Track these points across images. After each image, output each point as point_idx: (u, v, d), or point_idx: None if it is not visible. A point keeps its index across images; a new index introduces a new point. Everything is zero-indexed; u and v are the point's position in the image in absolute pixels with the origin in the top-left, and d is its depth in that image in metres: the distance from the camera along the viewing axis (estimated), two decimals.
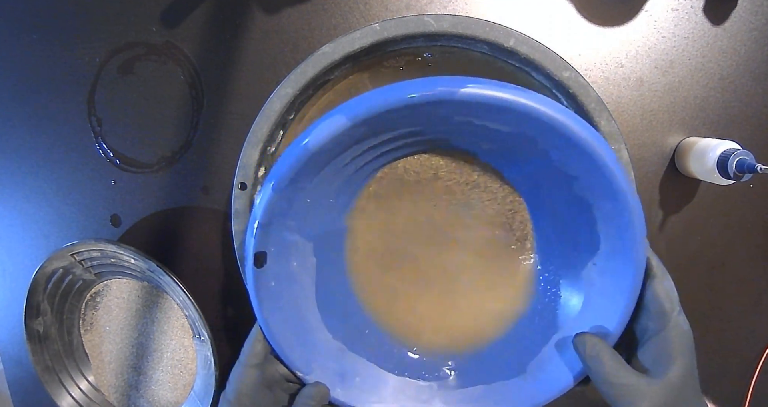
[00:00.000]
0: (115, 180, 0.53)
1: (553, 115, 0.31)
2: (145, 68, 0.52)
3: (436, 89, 0.31)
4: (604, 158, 0.32)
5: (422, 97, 0.31)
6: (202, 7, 0.51)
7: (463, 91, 0.31)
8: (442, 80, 0.31)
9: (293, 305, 0.38)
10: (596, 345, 0.33)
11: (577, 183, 0.35)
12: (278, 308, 0.37)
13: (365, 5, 0.50)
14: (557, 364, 0.38)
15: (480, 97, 0.31)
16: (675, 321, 0.32)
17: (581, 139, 0.32)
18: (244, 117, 0.51)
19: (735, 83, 0.50)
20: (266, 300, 0.36)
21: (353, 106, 0.32)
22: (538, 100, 0.31)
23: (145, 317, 0.53)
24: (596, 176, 0.33)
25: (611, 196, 0.34)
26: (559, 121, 0.32)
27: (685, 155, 0.49)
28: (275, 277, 0.37)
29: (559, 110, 0.32)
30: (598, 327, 0.36)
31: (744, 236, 0.52)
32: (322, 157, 0.34)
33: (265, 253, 0.36)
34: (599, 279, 0.37)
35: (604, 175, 0.33)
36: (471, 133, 0.37)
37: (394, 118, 0.33)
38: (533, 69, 0.42)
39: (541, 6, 0.49)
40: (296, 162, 0.33)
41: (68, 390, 0.53)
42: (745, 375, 0.54)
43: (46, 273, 0.51)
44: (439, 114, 0.33)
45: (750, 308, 0.53)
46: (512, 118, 0.32)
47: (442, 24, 0.40)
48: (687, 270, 0.53)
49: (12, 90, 0.53)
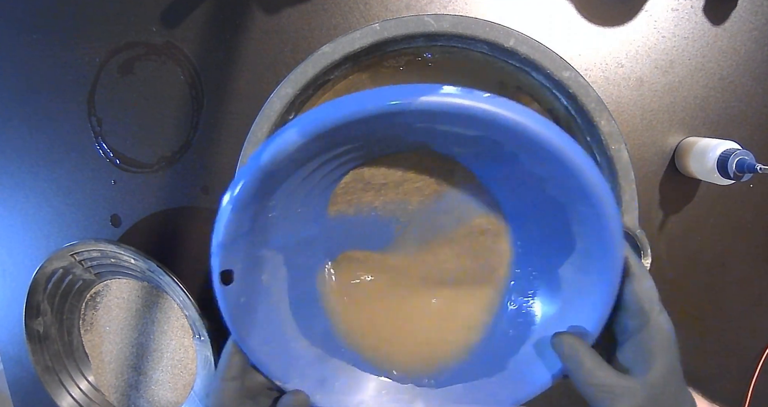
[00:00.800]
0: (115, 180, 0.53)
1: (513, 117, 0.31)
2: (145, 68, 0.52)
3: (387, 102, 0.30)
4: (572, 159, 0.32)
5: (375, 109, 0.30)
6: (202, 7, 0.51)
7: (419, 101, 0.31)
8: (395, 91, 0.31)
9: (267, 317, 0.38)
10: (574, 345, 0.33)
11: (549, 185, 0.35)
12: (252, 321, 0.37)
13: (365, 5, 0.50)
14: (537, 362, 0.38)
15: (436, 105, 0.31)
16: (655, 321, 0.32)
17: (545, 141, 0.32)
18: (244, 117, 0.51)
19: (735, 83, 0.50)
20: (238, 315, 0.36)
21: (305, 121, 0.31)
22: (496, 104, 0.31)
23: (145, 317, 0.53)
24: (567, 178, 0.33)
25: (584, 197, 0.33)
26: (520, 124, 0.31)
27: (685, 155, 0.49)
28: (245, 292, 0.36)
29: (519, 112, 0.31)
30: (576, 327, 0.36)
31: (744, 236, 0.52)
32: (279, 173, 0.34)
33: (231, 271, 0.35)
34: (576, 278, 0.37)
35: (575, 177, 0.32)
36: (441, 137, 0.36)
37: (350, 130, 0.33)
38: (533, 69, 0.42)
39: (541, 6, 0.49)
40: (251, 182, 0.33)
41: (68, 390, 0.53)
42: (745, 375, 0.54)
43: (46, 273, 0.51)
44: (399, 122, 0.33)
45: (750, 308, 0.53)
46: (473, 123, 0.32)
47: (442, 24, 0.40)
48: (687, 270, 0.53)
49: (12, 90, 0.53)
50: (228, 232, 0.34)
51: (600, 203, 0.33)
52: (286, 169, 0.34)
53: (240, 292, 0.36)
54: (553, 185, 0.35)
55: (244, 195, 0.33)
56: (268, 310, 0.38)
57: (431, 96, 0.31)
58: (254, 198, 0.34)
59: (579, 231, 0.36)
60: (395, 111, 0.31)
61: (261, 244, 0.37)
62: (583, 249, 0.36)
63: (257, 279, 0.38)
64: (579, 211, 0.35)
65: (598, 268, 0.35)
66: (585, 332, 0.35)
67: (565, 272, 0.38)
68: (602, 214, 0.33)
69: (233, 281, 0.35)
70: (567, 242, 0.37)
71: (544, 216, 0.38)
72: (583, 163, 0.32)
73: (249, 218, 0.35)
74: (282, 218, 0.38)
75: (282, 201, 0.37)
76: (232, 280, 0.35)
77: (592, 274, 0.35)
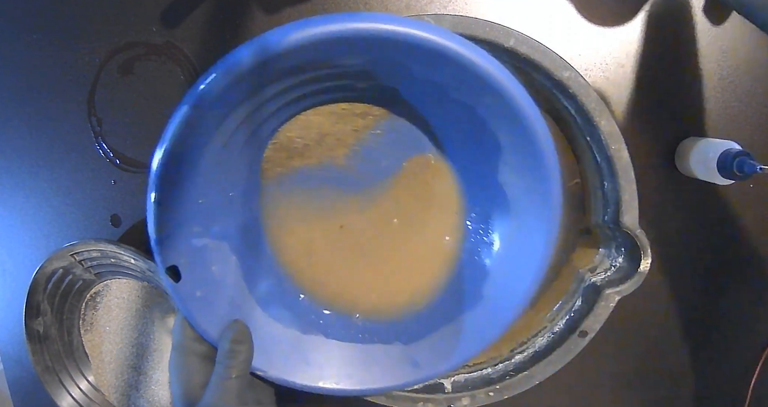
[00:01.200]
0: (115, 180, 0.53)
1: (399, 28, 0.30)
2: (145, 68, 0.52)
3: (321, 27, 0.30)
4: (460, 53, 0.31)
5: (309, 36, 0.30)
6: (202, 7, 0.51)
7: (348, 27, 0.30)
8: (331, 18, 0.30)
9: (230, 308, 0.37)
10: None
11: (449, 89, 0.34)
12: (215, 315, 0.36)
13: (365, 5, 0.50)
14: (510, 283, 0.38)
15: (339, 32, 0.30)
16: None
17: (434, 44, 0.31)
18: None
19: (735, 83, 0.50)
20: (198, 311, 0.35)
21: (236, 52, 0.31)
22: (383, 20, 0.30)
23: (145, 317, 0.53)
24: (462, 74, 0.32)
25: (483, 87, 0.32)
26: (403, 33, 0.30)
27: (685, 155, 0.49)
28: (199, 286, 0.35)
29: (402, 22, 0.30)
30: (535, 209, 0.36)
31: (744, 236, 0.52)
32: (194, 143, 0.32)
33: (175, 266, 0.34)
34: (516, 180, 0.37)
35: (467, 70, 0.31)
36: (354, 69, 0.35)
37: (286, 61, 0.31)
38: (533, 69, 0.42)
39: (541, 6, 0.49)
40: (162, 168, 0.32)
41: (68, 390, 0.53)
42: (745, 375, 0.54)
43: (46, 273, 0.51)
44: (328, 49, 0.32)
45: (750, 308, 0.53)
46: (366, 47, 0.31)
47: (442, 24, 0.40)
48: (687, 270, 0.53)
49: (12, 90, 0.53)
50: (158, 225, 0.33)
51: (500, 85, 0.32)
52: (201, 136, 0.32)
53: (193, 287, 0.35)
54: (453, 88, 0.34)
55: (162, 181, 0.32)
56: (228, 301, 0.37)
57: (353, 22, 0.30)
58: (175, 181, 0.33)
59: (496, 124, 0.35)
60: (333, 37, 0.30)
61: (201, 235, 0.36)
62: (508, 143, 0.35)
63: (208, 272, 0.36)
64: (487, 105, 0.34)
65: (530, 158, 0.34)
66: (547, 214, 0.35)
67: (504, 177, 0.37)
68: (506, 95, 0.32)
69: (181, 276, 0.34)
70: (492, 143, 0.36)
71: (459, 124, 0.37)
72: (470, 53, 0.31)
73: (177, 208, 0.34)
74: (215, 204, 0.36)
75: (207, 181, 0.35)
76: (179, 276, 0.34)
77: (528, 168, 0.35)
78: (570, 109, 0.43)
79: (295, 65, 0.32)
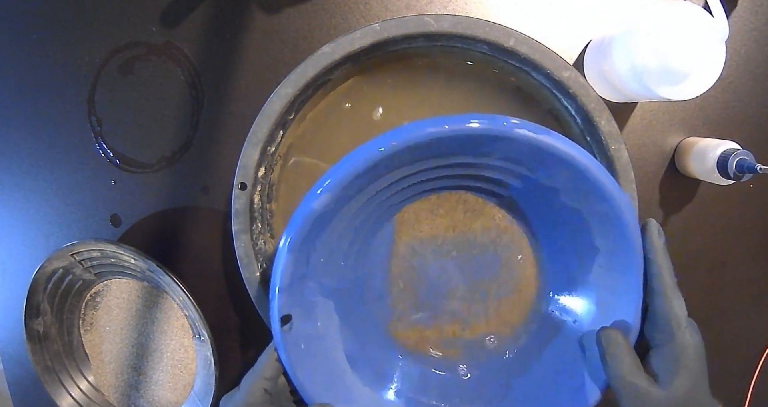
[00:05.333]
0: (115, 180, 0.53)
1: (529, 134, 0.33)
2: (145, 68, 0.52)
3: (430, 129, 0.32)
4: (580, 161, 0.33)
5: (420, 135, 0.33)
6: (202, 7, 0.51)
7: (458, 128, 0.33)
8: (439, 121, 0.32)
9: (326, 364, 0.39)
10: (618, 341, 0.34)
11: (563, 193, 0.37)
12: (311, 368, 0.38)
13: (365, 5, 0.50)
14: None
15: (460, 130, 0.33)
16: (680, 338, 0.33)
17: (554, 150, 0.33)
18: (244, 117, 0.51)
19: (735, 83, 0.50)
20: (298, 362, 0.37)
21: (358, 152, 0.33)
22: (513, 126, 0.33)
23: (145, 317, 0.53)
24: (577, 181, 0.35)
25: (596, 195, 0.35)
26: (534, 139, 0.33)
27: (685, 155, 0.49)
28: (304, 339, 0.37)
29: (532, 129, 0.33)
30: (619, 322, 0.37)
31: (744, 236, 0.52)
32: (328, 214, 0.35)
33: (290, 316, 0.36)
34: (608, 279, 0.38)
35: (585, 179, 0.34)
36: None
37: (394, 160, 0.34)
38: (533, 69, 0.42)
39: (541, 6, 0.49)
40: (307, 222, 0.34)
41: (68, 390, 0.53)
42: (745, 375, 0.54)
43: (46, 273, 0.51)
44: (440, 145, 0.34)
45: (750, 308, 0.53)
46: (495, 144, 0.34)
47: (442, 24, 0.40)
48: (687, 270, 0.53)
49: (12, 90, 0.53)
50: (286, 276, 0.35)
51: (611, 196, 0.34)
52: (335, 208, 0.35)
53: (300, 338, 0.37)
54: (566, 192, 0.36)
55: (299, 236, 0.35)
56: (325, 357, 0.39)
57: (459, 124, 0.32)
58: (306, 240, 0.35)
59: (599, 229, 0.37)
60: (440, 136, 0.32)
61: (316, 291, 0.39)
62: (605, 247, 0.37)
63: (314, 327, 0.39)
64: (595, 211, 0.36)
65: (626, 264, 0.36)
66: (628, 327, 0.36)
67: (596, 276, 0.39)
68: (615, 206, 0.35)
69: (293, 326, 0.36)
70: (590, 245, 0.38)
71: (564, 225, 0.39)
72: (589, 163, 0.34)
73: (304, 261, 0.36)
74: (330, 264, 0.39)
75: (328, 246, 0.38)
76: (291, 325, 0.36)
77: (621, 271, 0.37)
78: (570, 109, 0.43)
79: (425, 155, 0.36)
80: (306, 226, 0.34)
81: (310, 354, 0.38)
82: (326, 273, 0.39)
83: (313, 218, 0.34)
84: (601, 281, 0.39)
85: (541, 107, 0.45)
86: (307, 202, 0.34)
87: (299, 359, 0.37)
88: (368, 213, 0.39)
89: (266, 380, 0.37)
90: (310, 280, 0.38)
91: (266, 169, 0.43)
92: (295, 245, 0.35)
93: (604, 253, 0.38)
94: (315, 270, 0.38)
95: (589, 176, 0.34)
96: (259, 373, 0.37)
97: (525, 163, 0.36)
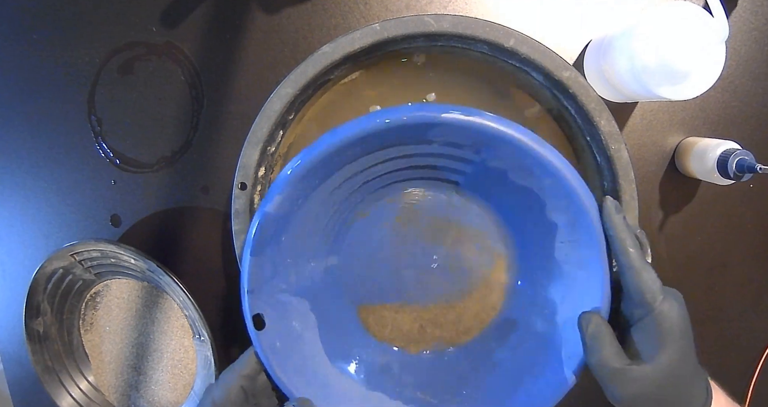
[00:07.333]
0: (115, 180, 0.53)
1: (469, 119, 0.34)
2: (145, 68, 0.52)
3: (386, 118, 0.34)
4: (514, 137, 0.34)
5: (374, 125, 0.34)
6: (202, 7, 0.51)
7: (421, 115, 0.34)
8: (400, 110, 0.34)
9: (303, 361, 0.40)
10: (599, 325, 0.34)
11: (511, 173, 0.37)
12: (290, 365, 0.39)
13: (365, 5, 0.50)
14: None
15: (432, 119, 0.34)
16: (659, 310, 0.32)
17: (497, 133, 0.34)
18: (244, 117, 0.51)
19: (735, 83, 0.50)
20: (276, 360, 0.38)
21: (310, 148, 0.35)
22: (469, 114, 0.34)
23: (145, 317, 0.53)
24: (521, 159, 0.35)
25: (543, 171, 0.35)
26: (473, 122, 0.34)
27: (685, 155, 0.49)
28: (279, 337, 0.38)
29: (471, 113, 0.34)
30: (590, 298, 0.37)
31: (744, 236, 0.52)
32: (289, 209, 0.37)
33: (261, 315, 0.38)
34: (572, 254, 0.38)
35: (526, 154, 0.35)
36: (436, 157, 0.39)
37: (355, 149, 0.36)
38: (533, 69, 0.42)
39: (541, 6, 0.49)
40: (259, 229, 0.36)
41: (68, 390, 0.53)
42: (745, 375, 0.54)
43: (46, 273, 0.51)
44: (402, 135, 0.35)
45: (750, 308, 0.53)
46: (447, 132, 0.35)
47: (442, 24, 0.40)
48: (687, 270, 0.53)
49: (12, 90, 0.53)
50: (251, 278, 0.37)
51: (554, 167, 0.35)
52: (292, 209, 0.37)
53: (274, 337, 0.38)
54: (513, 171, 0.37)
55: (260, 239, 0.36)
56: (303, 355, 0.40)
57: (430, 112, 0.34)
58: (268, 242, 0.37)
59: (553, 203, 0.37)
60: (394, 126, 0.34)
61: (286, 291, 0.39)
62: (563, 221, 0.38)
63: (289, 326, 0.40)
64: (544, 185, 0.36)
65: (583, 233, 0.36)
66: (599, 302, 0.36)
67: (561, 254, 0.39)
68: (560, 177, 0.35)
69: (265, 326, 0.37)
70: (548, 222, 0.38)
71: (520, 206, 0.40)
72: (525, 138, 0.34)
73: (269, 263, 0.38)
74: (298, 264, 0.40)
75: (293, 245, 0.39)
76: (263, 325, 0.37)
77: (582, 243, 0.37)
78: (570, 109, 0.43)
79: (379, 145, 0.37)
80: (265, 229, 0.36)
81: (287, 351, 0.39)
82: (295, 272, 0.40)
83: (268, 220, 0.36)
84: (566, 257, 0.39)
85: (541, 107, 0.45)
86: (261, 206, 0.36)
87: (277, 356, 0.38)
88: (330, 215, 0.40)
89: (243, 377, 0.38)
90: (279, 281, 0.39)
91: (266, 169, 0.43)
92: (256, 248, 0.36)
93: (564, 228, 0.38)
94: (283, 271, 0.39)
95: (528, 151, 0.34)
96: (237, 370, 0.38)
97: (468, 147, 0.37)
